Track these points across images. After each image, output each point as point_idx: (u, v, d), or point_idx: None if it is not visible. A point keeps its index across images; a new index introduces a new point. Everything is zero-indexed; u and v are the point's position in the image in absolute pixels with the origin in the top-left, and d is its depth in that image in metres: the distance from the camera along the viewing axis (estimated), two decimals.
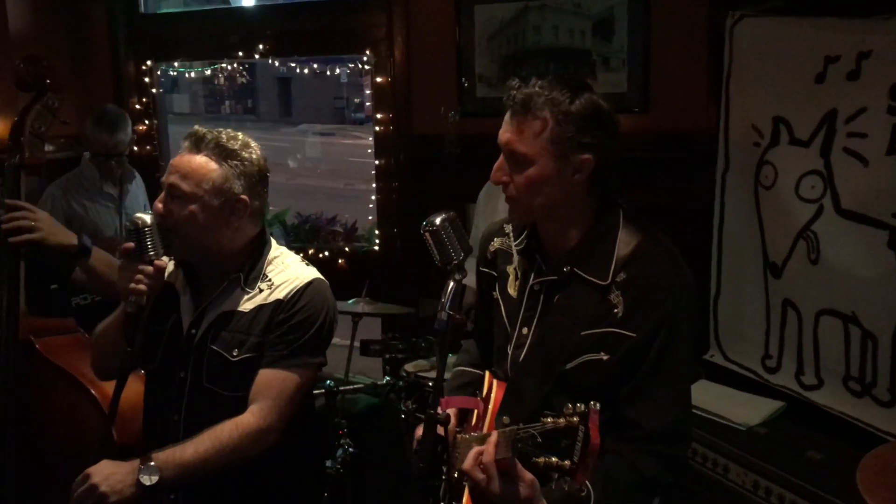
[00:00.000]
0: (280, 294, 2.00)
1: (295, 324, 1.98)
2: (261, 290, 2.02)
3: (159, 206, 1.95)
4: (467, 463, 1.50)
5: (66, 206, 3.52)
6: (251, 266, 2.04)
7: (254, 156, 2.01)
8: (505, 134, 1.67)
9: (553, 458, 1.34)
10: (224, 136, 1.99)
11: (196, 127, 2.02)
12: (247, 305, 2.01)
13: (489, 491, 1.46)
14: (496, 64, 3.83)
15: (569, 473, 1.33)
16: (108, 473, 1.77)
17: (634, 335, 1.63)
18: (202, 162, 1.95)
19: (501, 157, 1.69)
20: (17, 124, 2.41)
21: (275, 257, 2.08)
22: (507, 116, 1.68)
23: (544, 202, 1.68)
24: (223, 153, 1.96)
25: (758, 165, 2.92)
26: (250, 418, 1.92)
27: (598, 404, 1.34)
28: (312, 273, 2.07)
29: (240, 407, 1.95)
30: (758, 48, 2.91)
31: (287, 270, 2.05)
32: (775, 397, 2.82)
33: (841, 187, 2.60)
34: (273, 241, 2.13)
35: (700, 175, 3.21)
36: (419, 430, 1.79)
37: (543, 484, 1.48)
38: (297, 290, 2.00)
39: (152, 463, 1.80)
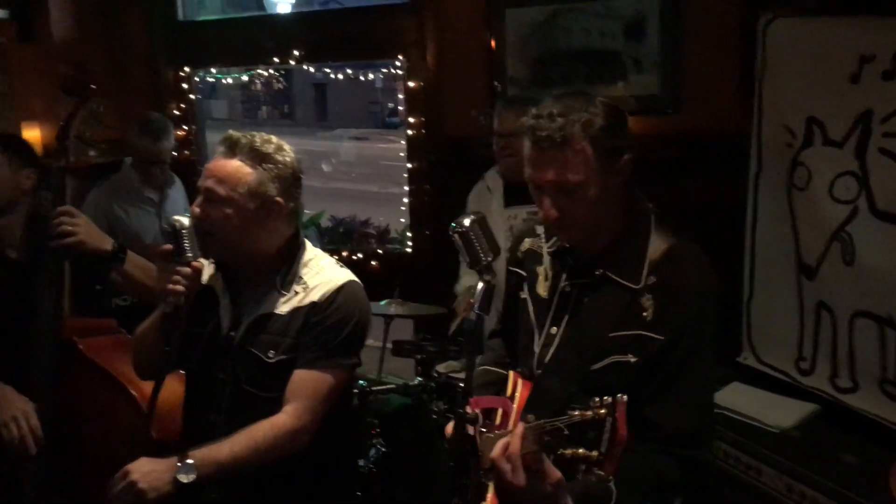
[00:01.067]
0: (315, 296, 2.03)
1: (329, 325, 2.01)
2: (296, 293, 2.05)
3: (196, 209, 1.99)
4: (494, 453, 1.51)
5: (109, 211, 3.61)
6: (287, 268, 2.07)
7: (287, 158, 2.04)
8: (546, 172, 1.65)
9: (580, 450, 1.35)
10: (258, 139, 2.03)
11: (230, 131, 2.06)
12: (283, 308, 2.04)
13: (514, 483, 1.47)
14: (527, 66, 3.84)
15: (596, 464, 1.34)
16: (146, 470, 1.82)
17: (661, 338, 1.65)
18: (237, 166, 1.99)
19: (548, 198, 1.67)
20: (63, 128, 2.49)
21: (310, 259, 2.11)
22: (534, 153, 1.66)
23: (602, 216, 1.72)
24: (257, 157, 2.00)
25: (791, 166, 2.90)
26: (285, 419, 1.96)
27: (625, 396, 1.35)
28: (347, 275, 2.10)
29: (277, 408, 1.99)
30: (791, 48, 2.89)
31: (322, 273, 2.08)
32: (809, 400, 2.79)
33: (876, 188, 2.57)
34: (308, 243, 2.16)
35: (732, 176, 3.19)
36: (449, 429, 1.82)
37: (569, 477, 1.50)
38: (332, 293, 2.03)
39: (190, 461, 1.84)
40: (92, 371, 2.33)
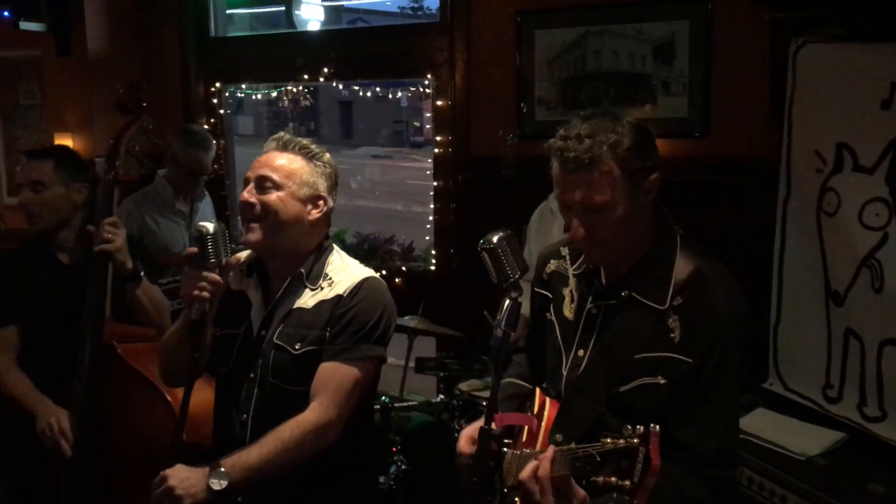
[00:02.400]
0: (339, 289, 2.08)
1: (353, 317, 2.04)
2: (322, 288, 2.09)
3: (246, 195, 2.03)
4: (524, 474, 1.52)
5: (140, 221, 3.66)
6: (313, 264, 2.12)
7: (332, 162, 2.15)
8: (574, 192, 1.66)
9: (613, 478, 1.36)
10: (306, 140, 2.13)
11: (281, 132, 2.14)
12: (309, 301, 2.08)
13: None
14: (556, 87, 3.87)
15: (628, 493, 1.34)
16: (183, 477, 1.84)
17: (691, 360, 1.64)
18: (291, 157, 2.08)
19: (577, 217, 1.68)
20: (115, 143, 2.60)
21: (335, 258, 2.16)
22: (562, 174, 1.67)
23: (631, 236, 1.72)
24: (309, 154, 2.09)
25: (820, 192, 2.88)
26: (310, 415, 1.98)
27: (657, 427, 1.35)
28: (370, 272, 2.16)
29: (305, 401, 2.01)
30: (821, 74, 2.88)
31: (347, 269, 2.13)
32: (836, 428, 2.76)
33: None
34: (335, 246, 2.21)
35: (761, 201, 3.18)
36: (461, 444, 1.83)
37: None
38: (355, 286, 2.07)
39: (221, 469, 1.86)
40: (130, 375, 2.39)
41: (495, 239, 1.65)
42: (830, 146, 2.83)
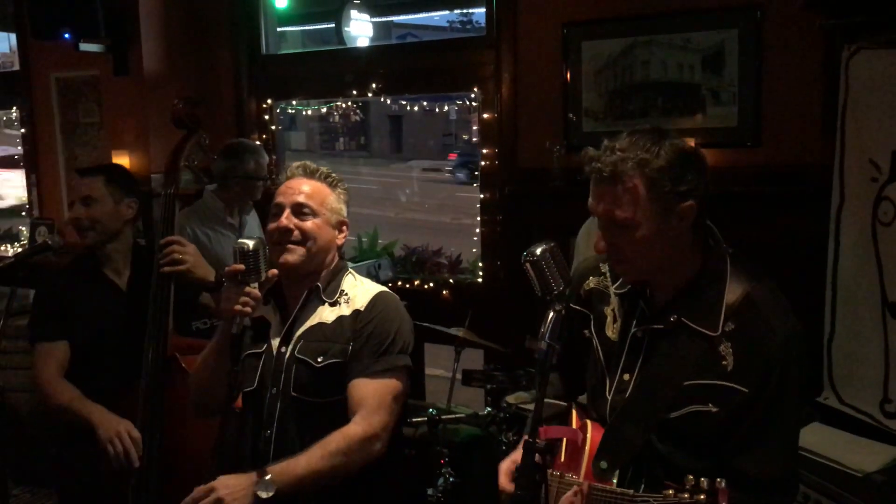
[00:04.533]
0: (357, 304, 2.17)
1: (373, 331, 2.13)
2: (339, 303, 2.18)
3: (285, 221, 2.12)
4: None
5: (193, 236, 3.73)
6: (328, 281, 2.21)
7: (347, 188, 2.27)
8: (599, 205, 1.66)
9: None
10: (326, 169, 2.25)
11: (304, 161, 2.27)
12: (329, 317, 2.16)
13: None
14: (603, 98, 3.85)
15: None
16: (231, 485, 1.89)
17: (746, 390, 1.61)
18: (318, 185, 2.20)
19: (600, 230, 1.68)
20: (173, 158, 2.66)
21: (350, 278, 2.25)
22: (592, 184, 1.67)
23: (657, 258, 1.68)
24: (332, 182, 2.23)
25: (875, 201, 2.81)
26: (356, 427, 2.02)
27: (724, 482, 1.31)
28: (383, 287, 2.28)
29: (326, 414, 2.06)
30: (875, 81, 2.82)
31: (362, 285, 2.25)
32: (895, 444, 2.68)
33: None
34: (349, 265, 2.31)
35: (814, 211, 3.11)
36: (502, 481, 1.83)
37: None
38: (371, 300, 2.18)
39: (268, 477, 1.90)
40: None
41: (539, 251, 1.63)
42: (886, 154, 2.76)
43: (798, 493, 2.02)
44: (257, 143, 3.95)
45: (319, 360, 2.10)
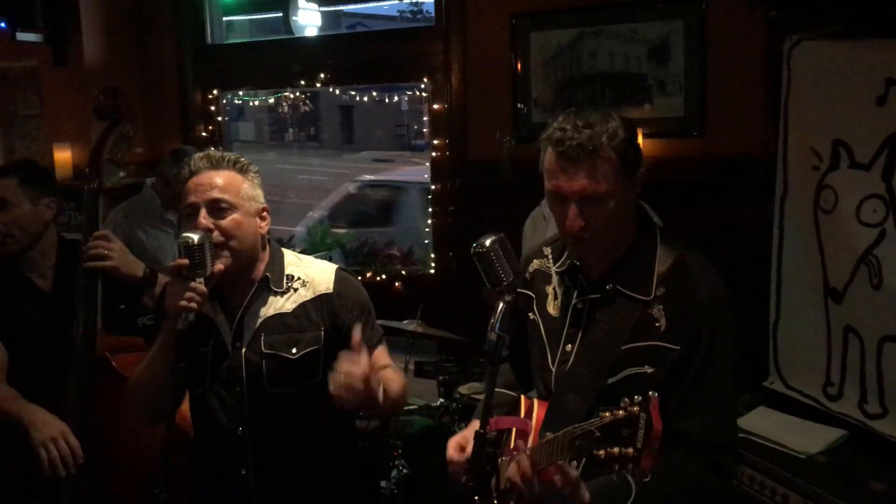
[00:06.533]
0: (321, 288, 2.11)
1: (359, 310, 2.12)
2: (294, 290, 2.11)
3: (204, 221, 1.99)
4: (509, 473, 1.57)
5: (129, 232, 3.60)
6: (272, 270, 2.12)
7: (257, 170, 2.14)
8: (576, 182, 1.66)
9: (615, 449, 1.35)
10: (233, 154, 2.12)
11: (210, 149, 2.14)
12: (288, 305, 2.09)
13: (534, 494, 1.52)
14: (552, 89, 3.87)
15: (632, 461, 1.34)
16: None
17: (678, 348, 1.67)
18: (231, 175, 2.05)
19: (573, 208, 1.68)
20: (95, 151, 2.55)
21: (290, 260, 2.18)
22: (563, 163, 1.67)
23: (618, 230, 1.75)
24: (242, 168, 2.08)
25: (817, 189, 2.87)
26: (401, 373, 2.12)
27: (655, 393, 1.35)
28: (330, 263, 2.24)
29: (306, 402, 2.04)
30: (817, 71, 2.88)
31: (311, 266, 2.18)
32: (837, 426, 2.75)
33: None
34: (279, 246, 2.23)
35: (758, 199, 3.17)
36: (450, 451, 1.85)
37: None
38: (336, 278, 2.13)
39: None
40: (124, 385, 2.34)
41: (487, 242, 1.66)
42: (826, 143, 2.82)
43: (737, 451, 2.09)
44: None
45: (294, 351, 2.05)
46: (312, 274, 2.14)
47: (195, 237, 1.91)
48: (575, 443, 1.45)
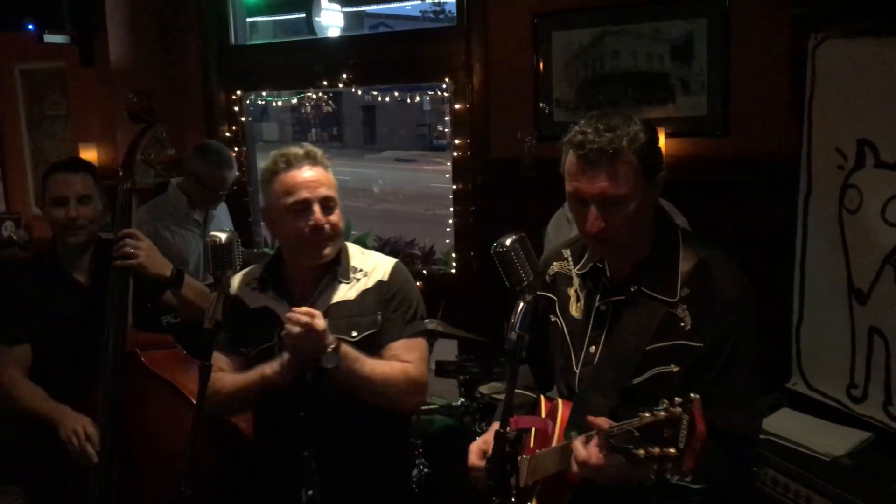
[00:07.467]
0: (379, 276, 2.23)
1: (402, 299, 2.22)
2: (357, 280, 2.22)
3: (321, 218, 2.11)
4: (578, 456, 1.58)
5: (154, 232, 3.62)
6: (338, 262, 2.22)
7: None
8: (596, 185, 1.68)
9: (656, 449, 1.36)
10: (321, 152, 2.23)
11: (304, 144, 2.23)
12: (350, 294, 2.19)
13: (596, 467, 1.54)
14: (573, 88, 3.85)
15: (674, 460, 1.34)
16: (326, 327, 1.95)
17: (701, 345, 1.68)
18: (327, 173, 2.19)
19: (594, 210, 1.70)
20: (129, 152, 2.62)
21: (353, 252, 2.30)
22: (584, 165, 1.69)
23: (639, 231, 1.77)
24: (327, 165, 2.20)
25: (842, 189, 2.85)
26: (411, 366, 2.13)
27: (697, 395, 1.36)
28: (392, 258, 2.34)
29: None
30: (841, 70, 2.85)
31: (372, 258, 2.30)
32: (862, 428, 2.73)
33: None
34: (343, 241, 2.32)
35: (782, 199, 3.14)
36: (472, 458, 1.86)
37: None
38: (392, 270, 2.25)
39: (338, 353, 1.96)
40: (154, 381, 2.43)
41: (508, 242, 1.67)
42: (851, 142, 2.79)
43: (758, 445, 2.08)
44: (230, 153, 3.81)
45: (354, 334, 2.13)
46: (373, 265, 2.26)
47: (223, 236, 1.97)
48: (611, 441, 1.46)
